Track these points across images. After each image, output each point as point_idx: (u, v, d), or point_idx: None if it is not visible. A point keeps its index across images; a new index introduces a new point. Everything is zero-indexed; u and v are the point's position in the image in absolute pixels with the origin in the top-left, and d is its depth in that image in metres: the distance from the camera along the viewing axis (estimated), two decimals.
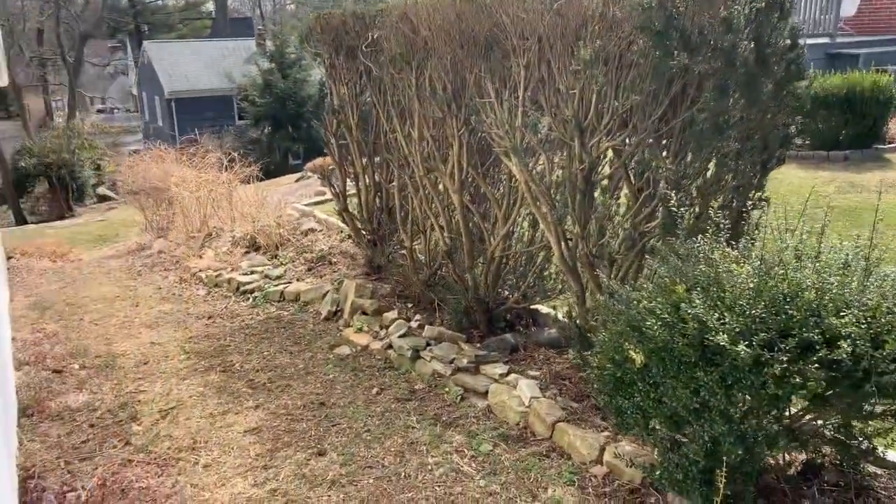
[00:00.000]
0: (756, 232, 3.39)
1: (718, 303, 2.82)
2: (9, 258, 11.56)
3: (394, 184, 6.61)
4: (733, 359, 2.69)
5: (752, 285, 2.80)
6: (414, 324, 5.91)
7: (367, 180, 7.04)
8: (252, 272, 8.29)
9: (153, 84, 34.80)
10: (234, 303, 7.69)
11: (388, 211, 7.07)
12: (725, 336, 2.67)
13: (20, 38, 27.60)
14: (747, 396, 2.81)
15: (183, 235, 11.65)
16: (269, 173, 27.19)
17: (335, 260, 8.16)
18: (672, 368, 2.94)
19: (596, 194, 4.28)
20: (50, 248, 12.64)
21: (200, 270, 9.17)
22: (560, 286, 5.41)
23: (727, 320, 2.72)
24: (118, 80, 59.18)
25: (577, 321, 4.61)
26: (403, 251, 6.68)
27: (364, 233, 7.32)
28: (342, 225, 8.76)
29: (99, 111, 53.84)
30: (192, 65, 34.40)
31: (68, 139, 22.69)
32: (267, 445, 4.21)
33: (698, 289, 2.92)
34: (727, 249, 3.05)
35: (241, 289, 7.95)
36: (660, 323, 2.90)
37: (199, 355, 6.01)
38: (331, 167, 8.30)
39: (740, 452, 2.81)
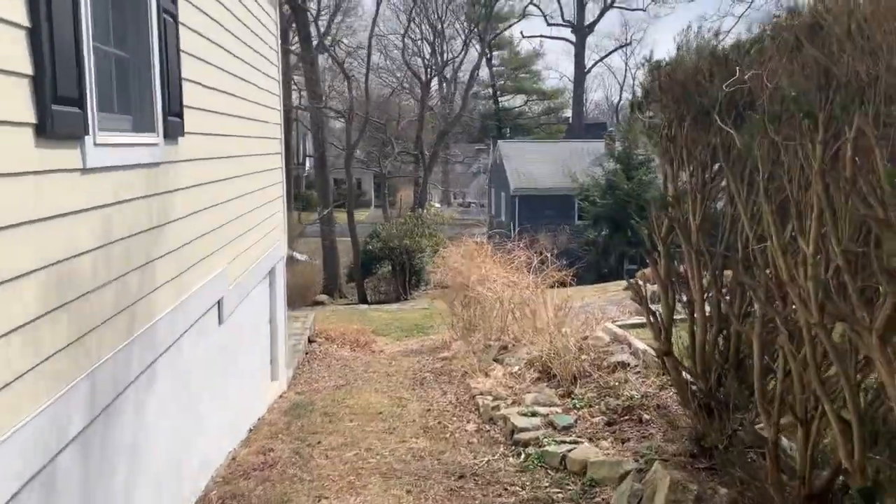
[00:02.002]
0: None
1: None
2: (311, 342, 11.16)
3: (751, 324, 4.00)
4: None
5: None
6: None
7: (708, 311, 4.51)
8: (534, 413, 6.15)
9: (502, 181, 35.86)
10: (500, 456, 5.61)
11: (735, 365, 4.44)
12: None
13: (392, 134, 30.39)
14: None
15: (481, 342, 10.11)
16: (602, 276, 25.50)
17: (647, 417, 5.64)
18: None
19: None
20: (356, 335, 12.12)
21: (481, 394, 7.36)
22: None
23: None
24: (479, 178, 63.98)
25: None
26: (758, 435, 3.98)
27: (694, 390, 4.73)
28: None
29: (459, 205, 58.38)
30: (539, 164, 34.72)
31: (412, 227, 23.56)
32: None
33: None
34: None
35: (515, 436, 5.85)
36: None
37: None
38: (651, 285, 5.94)
39: None
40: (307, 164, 51.14)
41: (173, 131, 3.98)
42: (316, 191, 29.24)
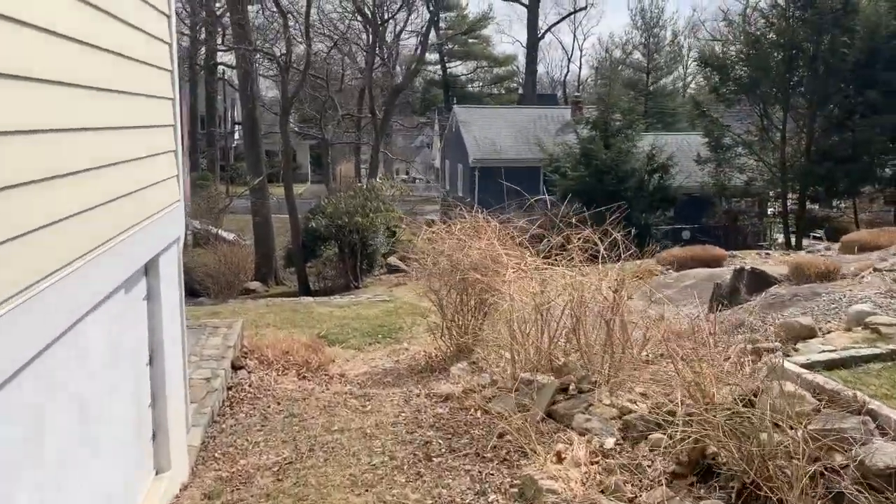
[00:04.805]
0: None
1: None
2: (237, 368, 7.30)
3: None
4: None
5: None
6: None
7: None
8: None
9: (458, 151, 32.18)
10: None
11: None
12: None
13: (336, 96, 26.13)
14: None
15: (499, 366, 6.57)
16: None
17: None
18: None
19: None
20: (305, 352, 8.24)
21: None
22: None
23: None
24: (423, 152, 60.45)
25: None
26: None
27: None
28: None
29: (403, 181, 54.50)
30: (500, 132, 31.23)
31: (364, 200, 19.59)
32: None
33: None
34: None
35: None
36: None
37: None
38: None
39: None
40: (236, 133, 46.01)
41: None
42: (245, 159, 24.80)
